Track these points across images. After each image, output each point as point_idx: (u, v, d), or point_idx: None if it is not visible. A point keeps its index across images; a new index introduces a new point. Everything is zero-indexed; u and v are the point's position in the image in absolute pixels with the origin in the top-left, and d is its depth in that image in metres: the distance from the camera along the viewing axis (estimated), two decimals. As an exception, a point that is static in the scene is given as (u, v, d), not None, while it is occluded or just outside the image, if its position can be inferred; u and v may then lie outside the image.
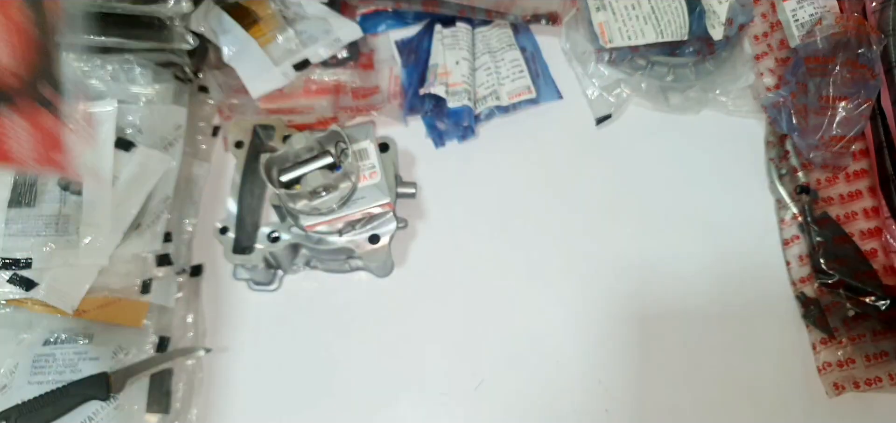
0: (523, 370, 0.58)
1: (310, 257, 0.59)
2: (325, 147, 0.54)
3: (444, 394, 0.57)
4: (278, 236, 0.55)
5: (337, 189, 0.53)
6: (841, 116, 0.60)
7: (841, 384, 0.57)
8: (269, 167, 0.52)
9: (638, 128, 0.67)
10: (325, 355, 0.58)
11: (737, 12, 0.65)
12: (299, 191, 0.52)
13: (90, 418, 0.51)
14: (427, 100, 0.65)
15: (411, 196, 0.60)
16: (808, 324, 0.60)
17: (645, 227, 0.63)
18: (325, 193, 0.52)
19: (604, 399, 0.58)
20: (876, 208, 0.61)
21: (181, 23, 0.55)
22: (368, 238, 0.55)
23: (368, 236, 0.55)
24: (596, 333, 0.60)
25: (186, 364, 0.55)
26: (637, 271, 0.62)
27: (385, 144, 0.58)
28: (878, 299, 0.57)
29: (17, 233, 0.52)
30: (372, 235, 0.55)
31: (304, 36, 0.63)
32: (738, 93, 0.67)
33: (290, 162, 0.53)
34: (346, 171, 0.52)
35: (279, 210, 0.56)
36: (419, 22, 0.70)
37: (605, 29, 0.65)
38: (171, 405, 0.54)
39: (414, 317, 0.60)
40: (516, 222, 0.63)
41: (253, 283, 0.60)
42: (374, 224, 0.56)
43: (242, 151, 0.59)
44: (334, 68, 0.65)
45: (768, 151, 0.66)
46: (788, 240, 0.63)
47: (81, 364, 0.53)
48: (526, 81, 0.67)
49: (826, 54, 0.62)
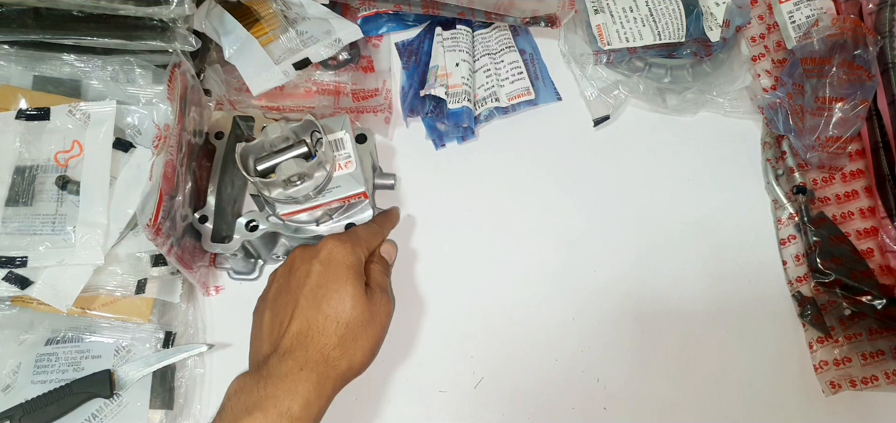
0: (522, 368, 0.59)
1: (289, 247, 0.60)
2: (299, 137, 0.54)
3: (443, 392, 0.58)
4: (256, 225, 0.55)
5: (311, 178, 0.52)
6: (837, 116, 0.61)
7: (837, 382, 0.58)
8: (245, 156, 0.52)
9: (636, 129, 0.68)
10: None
11: (734, 14, 0.66)
12: (274, 179, 0.52)
13: (94, 415, 0.51)
14: (427, 101, 0.66)
15: (390, 187, 0.61)
16: (805, 323, 0.60)
17: (643, 227, 0.64)
18: (300, 181, 0.52)
19: (602, 397, 0.58)
20: (872, 208, 0.62)
21: (183, 24, 0.56)
22: (345, 227, 0.55)
23: (345, 224, 0.56)
24: (594, 331, 0.60)
25: (188, 361, 0.56)
26: (635, 270, 0.62)
27: (362, 135, 0.59)
28: (874, 298, 0.58)
29: (13, 231, 0.52)
30: (348, 223, 0.56)
31: (305, 36, 0.64)
32: (735, 94, 0.67)
33: (266, 151, 0.53)
34: (320, 160, 0.52)
35: (258, 200, 0.56)
36: (419, 24, 0.71)
37: (603, 31, 0.66)
38: (174, 401, 0.54)
39: (415, 316, 0.60)
40: (516, 222, 0.64)
41: (233, 271, 0.60)
42: (350, 213, 0.56)
43: (222, 142, 0.59)
44: (335, 69, 0.65)
45: (765, 152, 0.67)
46: (785, 240, 0.63)
47: (84, 362, 0.53)
48: (525, 82, 0.67)
49: (822, 56, 0.62)
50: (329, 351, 0.45)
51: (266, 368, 0.44)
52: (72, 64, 0.57)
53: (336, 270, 0.48)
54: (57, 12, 0.54)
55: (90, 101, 0.57)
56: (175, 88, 0.53)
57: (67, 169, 0.55)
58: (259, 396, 0.42)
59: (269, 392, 0.43)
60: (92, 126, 0.55)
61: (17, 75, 0.57)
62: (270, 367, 0.44)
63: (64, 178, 0.54)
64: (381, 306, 0.50)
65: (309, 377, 0.44)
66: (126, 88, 0.58)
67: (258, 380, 0.43)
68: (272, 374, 0.44)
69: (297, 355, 0.45)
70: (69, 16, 0.54)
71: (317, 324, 0.46)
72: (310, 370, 0.44)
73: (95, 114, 0.55)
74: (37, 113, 0.55)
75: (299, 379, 0.43)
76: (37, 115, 0.55)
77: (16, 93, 0.56)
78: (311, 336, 0.46)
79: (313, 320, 0.46)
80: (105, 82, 0.58)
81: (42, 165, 0.55)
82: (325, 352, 0.45)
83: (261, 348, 0.48)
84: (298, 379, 0.43)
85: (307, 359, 0.45)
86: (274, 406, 0.42)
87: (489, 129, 0.68)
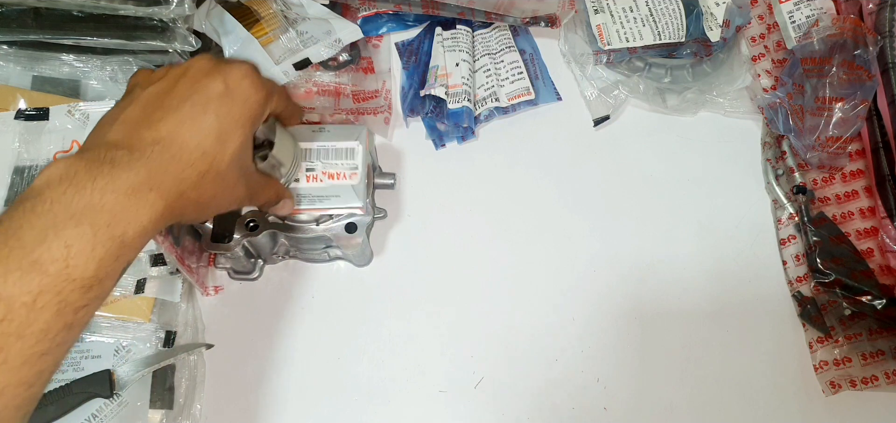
0: (522, 368, 0.59)
1: (289, 247, 0.60)
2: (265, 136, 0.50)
3: (443, 391, 0.58)
4: (256, 225, 0.55)
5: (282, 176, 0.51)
6: (837, 116, 0.61)
7: (837, 382, 0.58)
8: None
9: (635, 129, 0.68)
10: (326, 349, 0.59)
11: (734, 14, 0.66)
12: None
13: (94, 415, 0.51)
14: (427, 101, 0.66)
15: (390, 187, 0.62)
16: (805, 323, 0.60)
17: (642, 226, 0.64)
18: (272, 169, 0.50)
19: (602, 397, 0.58)
20: (872, 208, 0.62)
21: (184, 24, 0.56)
22: (345, 227, 0.55)
23: (345, 224, 0.56)
24: (595, 331, 0.60)
25: (188, 360, 0.56)
26: (635, 270, 0.62)
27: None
28: (874, 298, 0.58)
29: (12, 231, 0.52)
30: (348, 223, 0.56)
31: (305, 36, 0.64)
32: (735, 94, 0.67)
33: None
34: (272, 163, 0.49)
35: None
36: (419, 24, 0.71)
37: (604, 31, 0.66)
38: (175, 401, 0.54)
39: (414, 316, 0.60)
40: (516, 222, 0.64)
41: (233, 271, 0.60)
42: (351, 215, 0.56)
43: None
44: (335, 70, 0.65)
45: (765, 152, 0.67)
46: (785, 239, 0.63)
47: (84, 362, 0.53)
48: (525, 82, 0.68)
49: (823, 56, 0.62)
50: (185, 187, 0.37)
51: (109, 163, 0.35)
52: (71, 64, 0.57)
53: (240, 107, 0.40)
54: (57, 12, 0.54)
55: (89, 101, 0.57)
56: None
57: (67, 169, 0.55)
58: (91, 202, 0.33)
59: (106, 203, 0.34)
60: (91, 126, 0.55)
61: (17, 75, 0.57)
62: (116, 164, 0.35)
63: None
64: (251, 180, 0.44)
65: (155, 204, 0.35)
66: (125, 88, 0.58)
67: (94, 176, 0.34)
68: (115, 177, 0.34)
69: (152, 167, 0.36)
70: (69, 16, 0.54)
71: (188, 146, 0.38)
72: (160, 195, 0.36)
73: (95, 114, 0.56)
74: (36, 113, 0.55)
75: (145, 201, 0.35)
76: (36, 115, 0.55)
77: (15, 93, 0.56)
78: (176, 157, 0.37)
79: (187, 140, 0.38)
80: (104, 82, 0.58)
81: (41, 166, 0.54)
82: (182, 186, 0.37)
83: (109, 130, 0.38)
84: (144, 201, 0.35)
85: (162, 182, 0.36)
86: (107, 224, 0.33)
87: (489, 129, 0.68)
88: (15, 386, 0.31)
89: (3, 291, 0.31)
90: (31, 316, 0.31)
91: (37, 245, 0.32)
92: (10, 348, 0.31)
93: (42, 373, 0.32)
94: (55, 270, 0.32)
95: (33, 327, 0.31)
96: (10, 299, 0.31)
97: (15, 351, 0.31)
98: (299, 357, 0.58)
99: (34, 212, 0.33)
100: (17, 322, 0.31)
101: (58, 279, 0.32)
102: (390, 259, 0.62)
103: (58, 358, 0.33)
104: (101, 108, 0.55)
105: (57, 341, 0.32)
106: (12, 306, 0.31)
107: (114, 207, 0.34)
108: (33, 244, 0.32)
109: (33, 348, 0.31)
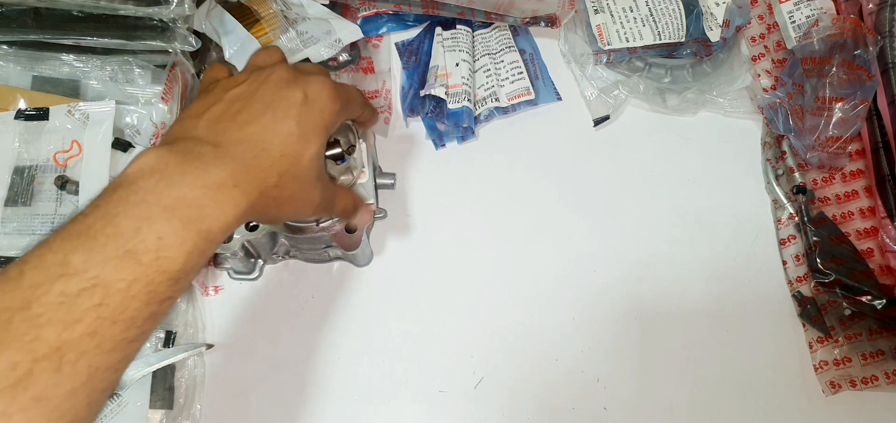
0: (522, 368, 0.59)
1: (288, 247, 0.60)
2: (335, 138, 0.53)
3: (443, 391, 0.58)
4: (256, 225, 0.55)
5: (337, 181, 0.53)
6: (837, 116, 0.61)
7: (837, 382, 0.58)
8: None
9: (635, 129, 0.68)
10: (326, 349, 0.59)
11: (734, 14, 0.66)
12: None
13: (93, 415, 0.51)
14: (427, 101, 0.66)
15: (390, 187, 0.61)
16: (805, 323, 0.60)
17: (642, 226, 0.64)
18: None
19: (602, 397, 0.58)
20: (872, 208, 0.62)
21: (184, 24, 0.56)
22: (345, 228, 0.55)
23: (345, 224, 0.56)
24: (594, 331, 0.60)
25: (188, 360, 0.56)
26: (635, 270, 0.62)
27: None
28: (874, 298, 0.58)
29: (12, 231, 0.52)
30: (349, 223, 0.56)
31: (305, 36, 0.64)
32: (735, 94, 0.67)
33: None
34: (350, 166, 0.52)
35: None
36: (419, 24, 0.71)
37: (604, 31, 0.66)
38: (175, 401, 0.54)
39: (415, 316, 0.60)
40: (516, 221, 0.64)
41: (233, 271, 0.60)
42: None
43: None
44: (335, 70, 0.65)
45: (765, 152, 0.67)
46: (785, 240, 0.63)
47: (84, 362, 0.53)
48: (525, 82, 0.67)
49: (823, 56, 0.62)
50: (267, 186, 0.39)
51: (197, 158, 0.36)
52: (71, 64, 0.57)
53: (318, 115, 0.42)
54: (57, 12, 0.54)
55: (89, 101, 0.57)
56: (173, 88, 0.53)
57: (66, 169, 0.55)
58: (181, 195, 0.34)
59: (195, 197, 0.35)
60: (91, 126, 0.55)
61: (16, 75, 0.57)
62: (205, 160, 0.36)
63: (63, 178, 0.54)
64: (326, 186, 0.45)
65: (239, 201, 0.37)
66: (125, 88, 0.58)
67: (184, 171, 0.35)
68: (204, 172, 0.36)
69: (237, 165, 0.37)
70: (69, 16, 0.54)
71: (271, 148, 0.39)
72: (244, 193, 0.37)
73: (94, 114, 0.55)
74: (36, 113, 0.55)
75: (230, 198, 0.36)
76: (36, 115, 0.55)
77: (15, 93, 0.56)
78: (259, 156, 0.39)
79: (270, 142, 0.39)
80: (104, 82, 0.58)
81: (41, 166, 0.55)
82: (264, 185, 0.39)
83: (195, 125, 0.40)
84: (230, 197, 0.36)
85: (246, 179, 0.37)
86: (195, 219, 0.34)
87: (489, 129, 0.68)
88: (105, 370, 0.32)
89: (103, 276, 0.32)
90: (124, 303, 0.32)
91: (133, 235, 0.33)
92: (105, 332, 0.32)
93: (126, 358, 0.34)
94: (148, 260, 0.33)
95: (125, 314, 0.32)
96: (108, 284, 0.32)
97: (109, 335, 0.32)
98: (299, 357, 0.58)
99: (128, 202, 0.34)
100: (112, 307, 0.32)
101: (150, 270, 0.33)
102: (390, 259, 0.62)
103: (139, 347, 0.34)
104: (101, 108, 0.55)
105: (142, 330, 0.34)
106: (109, 292, 0.32)
107: (202, 201, 0.35)
108: (129, 234, 0.33)
109: (123, 334, 0.32)
